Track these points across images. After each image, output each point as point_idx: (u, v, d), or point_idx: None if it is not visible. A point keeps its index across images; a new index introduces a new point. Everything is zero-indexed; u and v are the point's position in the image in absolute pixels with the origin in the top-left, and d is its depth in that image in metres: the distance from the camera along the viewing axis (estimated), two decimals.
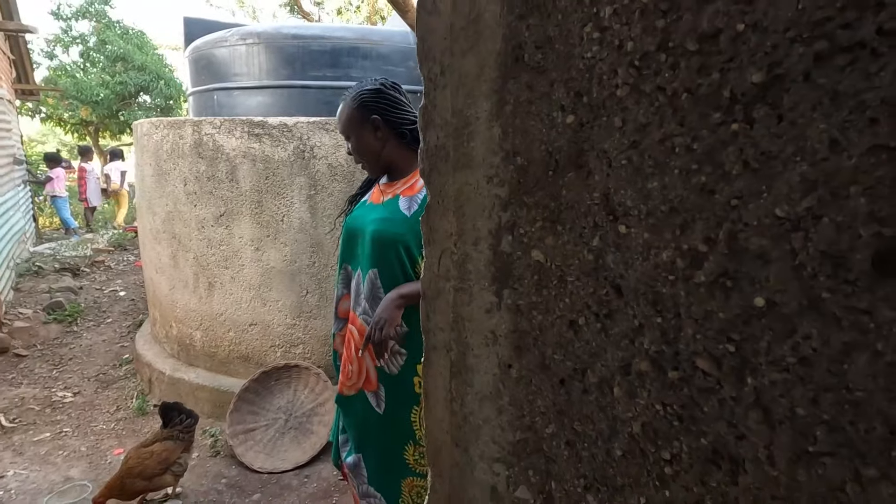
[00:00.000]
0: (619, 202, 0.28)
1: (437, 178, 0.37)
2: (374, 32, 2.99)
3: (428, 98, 0.38)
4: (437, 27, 0.34)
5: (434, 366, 0.38)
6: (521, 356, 0.32)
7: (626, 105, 0.27)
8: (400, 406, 1.38)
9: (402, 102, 1.37)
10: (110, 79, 14.40)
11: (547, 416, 0.31)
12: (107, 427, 2.84)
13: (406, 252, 1.33)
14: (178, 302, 3.02)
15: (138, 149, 3.23)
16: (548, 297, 0.31)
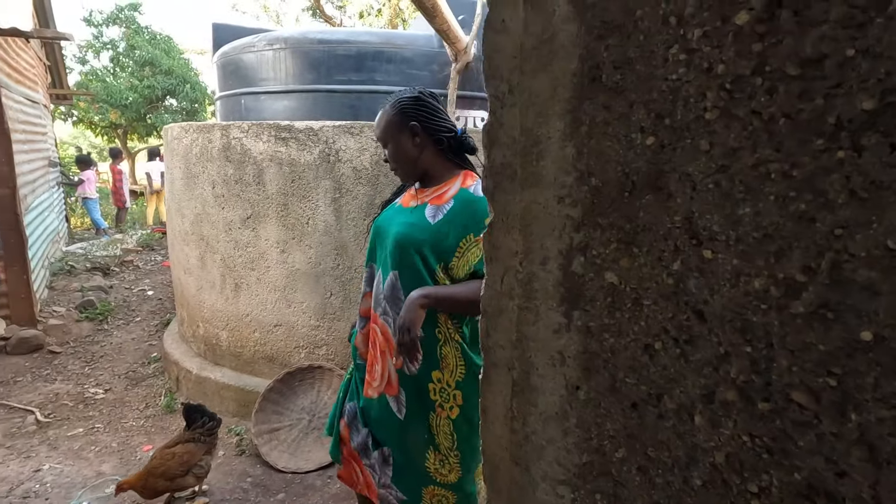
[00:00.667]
0: (703, 226, 0.27)
1: (502, 195, 0.37)
2: (399, 37, 3.01)
3: (494, 116, 0.38)
4: (506, 46, 0.34)
5: (494, 383, 0.38)
6: (590, 378, 0.32)
7: (715, 129, 0.26)
8: (420, 411, 1.39)
9: (440, 111, 1.39)
10: (139, 83, 14.78)
11: (617, 440, 0.31)
12: (136, 424, 2.91)
13: (423, 259, 1.34)
14: (206, 302, 3.08)
15: (168, 152, 3.30)
16: (621, 320, 0.31)
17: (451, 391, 1.36)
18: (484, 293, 0.39)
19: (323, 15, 11.63)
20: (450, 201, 1.34)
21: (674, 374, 0.28)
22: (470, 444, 1.41)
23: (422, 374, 1.37)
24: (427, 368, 1.36)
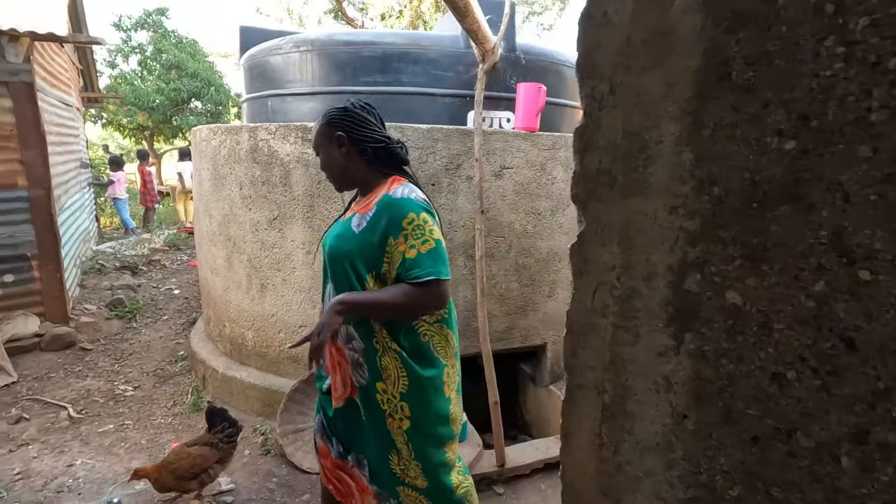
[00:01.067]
0: (859, 243, 0.24)
1: (596, 204, 0.34)
2: (424, 38, 2.99)
3: (589, 118, 0.35)
4: (608, 41, 0.31)
5: (579, 406, 0.36)
6: (702, 406, 0.29)
7: (882, 132, 0.23)
8: (375, 417, 1.42)
9: (367, 121, 1.43)
10: (165, 86, 15.12)
11: (732, 477, 0.28)
12: (164, 421, 2.95)
13: (354, 269, 1.36)
14: (232, 302, 3.10)
15: (196, 154, 3.35)
16: (743, 345, 0.28)
17: (397, 402, 1.39)
18: (571, 309, 0.36)
19: (345, 17, 11.71)
20: (373, 208, 1.37)
21: (812, 409, 0.25)
22: (426, 454, 1.43)
23: (368, 384, 1.40)
24: (372, 379, 1.40)
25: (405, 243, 1.30)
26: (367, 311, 1.34)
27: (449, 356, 1.45)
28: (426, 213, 1.34)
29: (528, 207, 2.80)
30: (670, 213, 0.30)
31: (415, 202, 1.35)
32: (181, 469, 2.07)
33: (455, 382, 1.49)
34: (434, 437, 1.44)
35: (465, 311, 2.80)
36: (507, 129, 3.06)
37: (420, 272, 1.29)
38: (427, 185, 2.63)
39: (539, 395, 3.21)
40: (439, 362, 1.42)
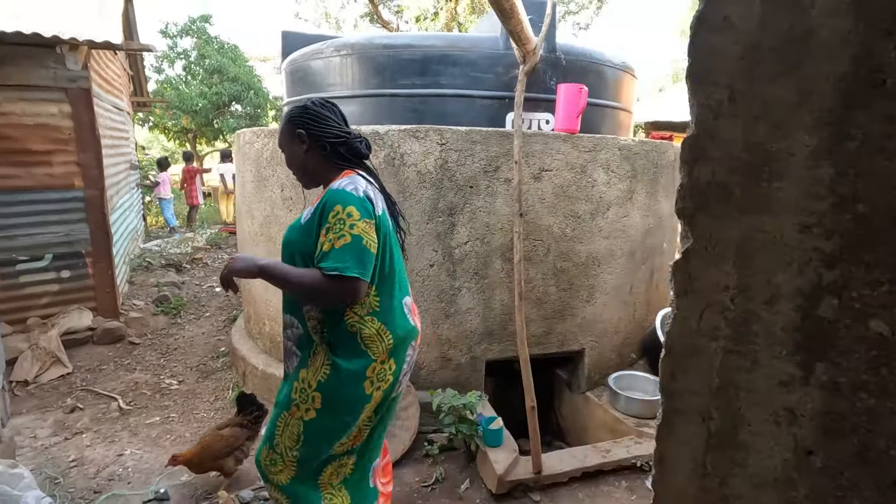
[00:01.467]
0: None
1: (706, 219, 0.32)
2: (464, 39, 2.98)
3: (701, 127, 0.33)
4: (728, 47, 0.29)
5: (678, 431, 0.34)
6: (832, 443, 0.27)
7: None
8: (276, 408, 1.48)
9: (326, 118, 1.48)
10: (208, 90, 15.64)
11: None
12: (207, 415, 3.04)
13: (299, 257, 1.42)
14: (271, 301, 3.17)
15: (240, 156, 3.44)
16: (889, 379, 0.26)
17: (311, 392, 1.41)
18: (672, 329, 0.34)
19: (380, 20, 11.85)
20: (321, 198, 1.40)
21: None
22: (317, 449, 1.45)
23: (293, 373, 1.47)
24: (298, 367, 1.46)
25: (325, 236, 1.34)
26: (275, 280, 1.38)
27: (380, 352, 1.42)
28: (353, 207, 1.34)
29: (567, 210, 2.75)
30: (801, 232, 0.28)
31: (348, 195, 1.36)
32: (217, 449, 2.23)
33: (385, 382, 1.45)
34: (329, 431, 1.44)
35: (502, 315, 2.77)
36: (546, 130, 3.02)
37: (325, 265, 1.31)
38: (465, 188, 2.63)
39: (575, 401, 3.15)
40: (366, 356, 1.40)
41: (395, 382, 1.49)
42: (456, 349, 2.79)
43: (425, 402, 2.69)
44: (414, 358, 1.57)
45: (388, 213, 1.53)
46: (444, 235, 2.66)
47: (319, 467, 1.51)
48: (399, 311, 1.48)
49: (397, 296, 1.48)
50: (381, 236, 1.41)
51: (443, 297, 2.73)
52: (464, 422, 2.45)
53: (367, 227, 1.36)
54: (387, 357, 1.44)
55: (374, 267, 1.39)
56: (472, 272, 2.70)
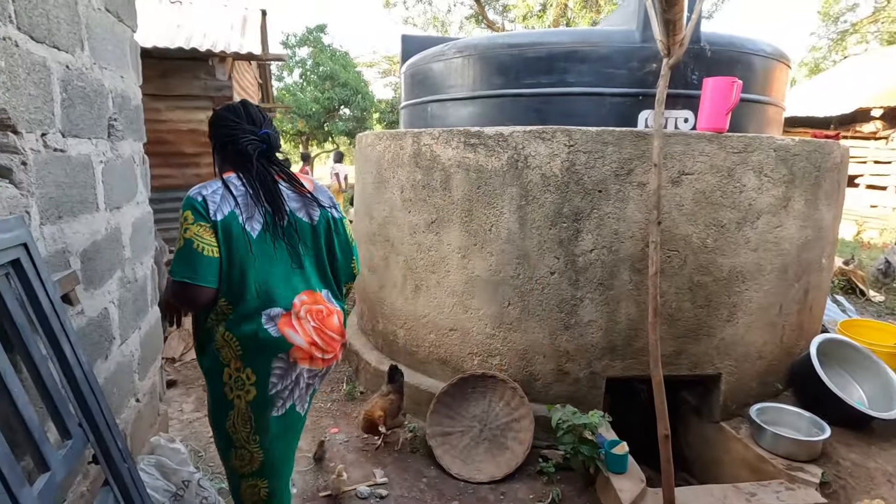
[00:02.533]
0: None
1: None
2: (594, 34, 2.81)
3: None
4: None
5: None
6: None
7: None
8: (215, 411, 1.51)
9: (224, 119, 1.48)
10: (321, 95, 16.77)
11: None
12: (324, 406, 3.18)
13: None
14: (386, 300, 3.24)
15: (360, 158, 3.56)
16: None
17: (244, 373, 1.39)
18: None
19: (486, 21, 11.84)
20: None
21: None
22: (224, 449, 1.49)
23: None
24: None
25: None
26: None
27: (231, 359, 1.39)
28: (189, 211, 1.34)
29: (708, 219, 2.47)
30: None
31: (188, 198, 1.37)
32: (392, 410, 2.64)
33: (245, 391, 1.40)
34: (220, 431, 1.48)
35: (628, 330, 2.56)
36: (684, 129, 2.75)
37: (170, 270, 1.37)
38: (593, 192, 2.46)
39: (706, 431, 2.83)
40: (218, 360, 1.40)
41: (262, 396, 1.41)
42: (574, 363, 2.63)
43: (539, 416, 2.57)
44: (299, 375, 1.44)
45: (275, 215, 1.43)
46: (568, 242, 2.52)
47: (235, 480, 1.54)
48: (252, 318, 1.38)
49: (252, 304, 1.38)
50: (222, 240, 1.35)
51: (562, 307, 2.58)
52: (584, 442, 2.30)
53: (201, 230, 1.34)
54: (241, 364, 1.39)
55: (222, 271, 1.36)
56: (596, 282, 2.53)
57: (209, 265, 1.34)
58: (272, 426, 1.46)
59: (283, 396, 1.44)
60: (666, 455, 2.11)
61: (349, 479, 2.39)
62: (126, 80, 2.06)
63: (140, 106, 2.26)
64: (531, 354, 2.68)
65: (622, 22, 2.86)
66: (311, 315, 1.44)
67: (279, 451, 1.52)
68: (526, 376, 2.71)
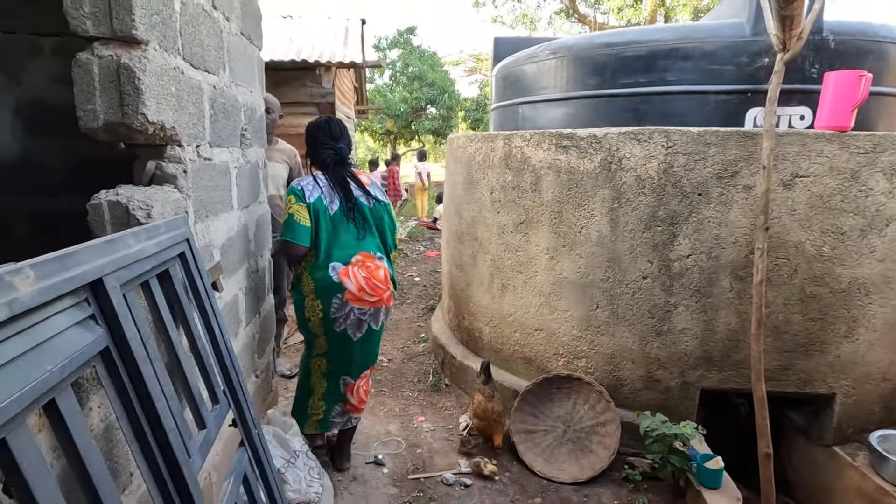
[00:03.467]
0: None
1: None
2: (700, 29, 2.68)
3: None
4: None
5: None
6: None
7: None
8: None
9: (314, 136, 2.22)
10: (409, 95, 17.31)
11: None
12: (411, 395, 3.36)
13: None
14: (473, 297, 3.34)
15: (451, 159, 3.69)
16: None
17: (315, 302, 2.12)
18: None
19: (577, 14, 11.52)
20: None
21: None
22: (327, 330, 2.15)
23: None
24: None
25: None
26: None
27: (309, 293, 2.11)
28: (292, 196, 2.07)
29: (825, 225, 2.28)
30: None
31: (292, 187, 2.10)
32: (500, 412, 2.62)
33: (315, 314, 2.12)
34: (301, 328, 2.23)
35: (726, 341, 2.44)
36: (799, 128, 2.54)
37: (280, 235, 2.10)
38: (692, 195, 2.37)
39: (814, 454, 2.61)
40: (301, 291, 2.13)
41: (326, 317, 2.10)
42: (665, 371, 2.56)
43: (626, 422, 2.53)
44: (350, 310, 2.10)
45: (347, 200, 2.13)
46: (662, 246, 2.45)
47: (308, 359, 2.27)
48: (323, 268, 2.07)
49: (323, 259, 2.07)
50: (313, 215, 2.06)
51: (654, 313, 2.52)
52: (675, 453, 2.23)
53: (300, 208, 2.05)
54: (314, 297, 2.10)
55: (313, 236, 2.06)
56: (692, 289, 2.43)
57: (304, 231, 2.04)
58: (332, 335, 2.16)
59: (339, 321, 2.12)
60: (766, 474, 2.00)
61: (436, 467, 2.52)
62: (253, 93, 2.33)
63: (263, 116, 2.54)
64: (619, 359, 2.64)
65: (730, 14, 2.70)
66: (363, 269, 2.11)
67: (336, 349, 2.20)
68: (613, 381, 2.67)
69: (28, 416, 0.67)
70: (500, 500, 2.36)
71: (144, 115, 1.24)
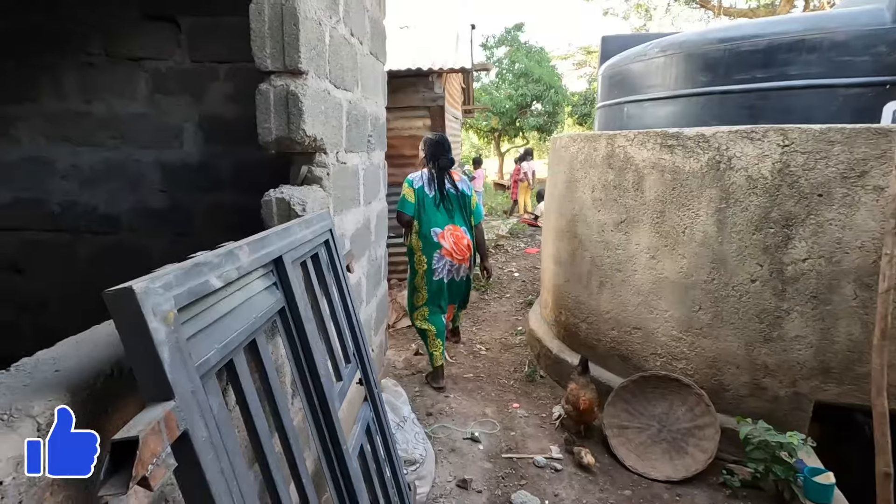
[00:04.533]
0: None
1: None
2: (830, 18, 2.50)
3: None
4: None
5: None
6: None
7: None
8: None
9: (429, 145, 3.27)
10: (514, 92, 17.33)
11: None
12: (507, 383, 3.54)
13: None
14: (570, 293, 3.43)
15: (554, 159, 3.79)
16: None
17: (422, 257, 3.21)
18: None
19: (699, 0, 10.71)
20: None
21: None
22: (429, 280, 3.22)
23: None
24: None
25: None
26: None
27: (417, 249, 3.18)
28: (406, 183, 3.19)
29: None
30: None
31: (407, 178, 3.22)
32: (595, 403, 2.75)
33: (422, 266, 3.19)
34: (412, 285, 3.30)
35: (847, 352, 2.29)
36: None
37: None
38: (811, 196, 2.26)
39: None
40: (412, 251, 3.20)
41: (429, 269, 3.17)
42: (773, 379, 2.45)
43: (727, 428, 2.48)
44: (444, 263, 3.17)
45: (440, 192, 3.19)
46: (774, 249, 2.36)
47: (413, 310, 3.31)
48: (426, 232, 3.15)
49: (425, 227, 3.15)
50: (417, 197, 3.15)
51: (762, 318, 2.43)
52: (778, 462, 2.16)
53: (409, 191, 3.16)
54: (420, 253, 3.17)
55: (416, 210, 3.14)
56: (808, 295, 2.31)
57: (411, 206, 3.15)
58: (432, 283, 3.20)
59: (438, 271, 3.18)
60: (885, 495, 1.87)
61: (529, 449, 2.69)
62: (378, 104, 2.67)
63: (385, 123, 2.89)
64: (721, 363, 2.58)
65: (864, 1, 2.48)
66: (452, 236, 3.17)
67: (433, 293, 3.23)
68: (714, 385, 2.62)
69: (244, 346, 0.98)
70: (590, 487, 2.46)
71: (304, 130, 1.57)
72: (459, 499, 2.34)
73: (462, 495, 2.36)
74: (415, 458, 2.22)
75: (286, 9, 1.47)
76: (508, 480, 2.49)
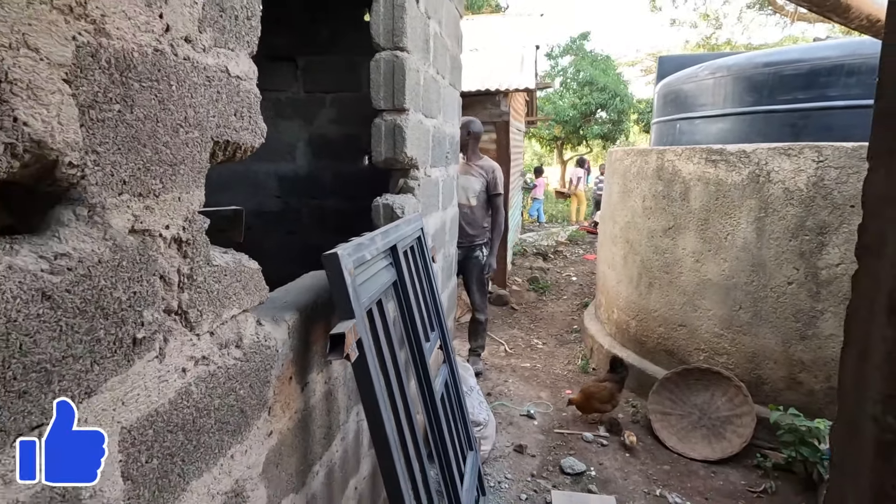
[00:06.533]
0: None
1: None
2: (869, 45, 2.71)
3: None
4: None
5: None
6: None
7: None
8: None
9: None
10: (578, 101, 17.40)
11: None
12: (561, 373, 3.91)
13: None
14: (622, 294, 3.75)
15: (610, 171, 4.13)
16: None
17: None
18: None
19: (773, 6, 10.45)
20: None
21: None
22: None
23: None
24: None
25: None
26: None
27: None
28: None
29: None
30: None
31: None
32: (600, 396, 3.03)
33: None
34: None
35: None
36: None
37: None
38: (844, 207, 2.50)
39: None
40: None
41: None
42: (809, 374, 2.68)
43: (763, 418, 2.73)
44: None
45: None
46: (810, 254, 2.60)
47: None
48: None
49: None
50: None
51: (798, 317, 2.67)
52: (805, 445, 2.41)
53: None
54: None
55: None
56: (841, 297, 2.53)
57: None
58: None
59: None
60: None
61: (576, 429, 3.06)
62: (454, 125, 3.18)
63: (458, 142, 3.38)
64: (760, 358, 2.83)
65: None
66: None
67: None
68: (753, 378, 2.87)
69: (375, 302, 1.49)
70: (632, 461, 2.80)
71: (405, 153, 2.09)
72: (516, 460, 2.77)
73: (518, 458, 2.79)
74: (479, 420, 2.68)
75: (397, 65, 1.99)
76: (559, 450, 2.88)
